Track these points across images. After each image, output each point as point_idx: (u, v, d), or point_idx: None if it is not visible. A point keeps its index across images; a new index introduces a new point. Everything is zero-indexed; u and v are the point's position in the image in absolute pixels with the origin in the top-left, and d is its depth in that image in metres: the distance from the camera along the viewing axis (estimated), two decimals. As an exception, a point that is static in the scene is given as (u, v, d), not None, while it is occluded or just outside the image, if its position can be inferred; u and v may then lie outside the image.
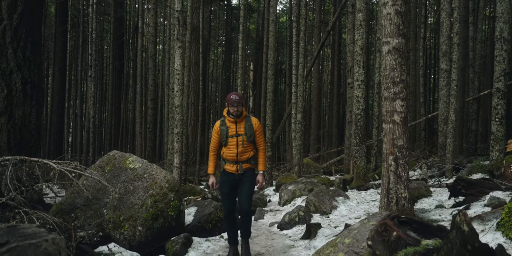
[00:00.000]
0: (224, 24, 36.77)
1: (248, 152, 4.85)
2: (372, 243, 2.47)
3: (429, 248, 2.18)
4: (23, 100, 7.20)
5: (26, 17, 7.43)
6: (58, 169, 4.62)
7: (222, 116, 4.95)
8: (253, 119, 4.93)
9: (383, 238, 2.42)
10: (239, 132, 4.80)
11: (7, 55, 7.13)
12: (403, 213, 2.66)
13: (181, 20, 9.81)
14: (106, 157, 6.22)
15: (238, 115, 4.76)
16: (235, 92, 4.91)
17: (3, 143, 6.86)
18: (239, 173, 4.82)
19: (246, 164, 4.85)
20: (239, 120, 4.81)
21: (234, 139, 4.80)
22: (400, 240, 2.35)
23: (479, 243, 2.03)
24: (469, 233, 2.02)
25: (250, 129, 4.81)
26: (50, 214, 5.30)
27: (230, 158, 4.84)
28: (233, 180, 4.86)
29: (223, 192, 4.93)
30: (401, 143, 5.27)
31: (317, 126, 24.57)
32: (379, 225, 2.51)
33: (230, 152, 4.83)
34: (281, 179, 11.14)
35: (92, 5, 17.19)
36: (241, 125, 4.82)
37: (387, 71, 5.36)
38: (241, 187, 4.83)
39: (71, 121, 30.92)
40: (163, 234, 5.39)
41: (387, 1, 5.39)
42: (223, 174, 4.97)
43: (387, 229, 2.45)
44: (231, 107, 4.72)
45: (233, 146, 4.81)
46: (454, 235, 2.05)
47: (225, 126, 4.84)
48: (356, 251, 2.66)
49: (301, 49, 13.87)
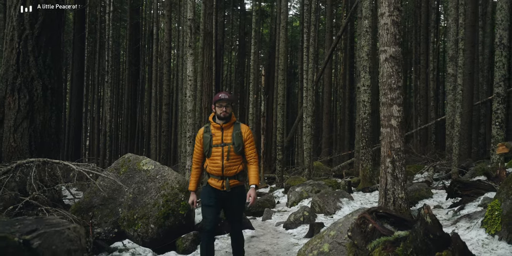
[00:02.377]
0: (237, 28, 37.25)
1: (236, 165, 4.06)
2: (351, 234, 2.79)
3: (398, 238, 2.49)
4: (44, 105, 7.55)
5: (46, 27, 7.77)
6: (77, 170, 5.02)
7: (207, 121, 4.24)
8: (243, 126, 4.19)
9: (361, 229, 2.73)
10: (225, 140, 4.04)
11: (29, 63, 7.50)
12: (381, 208, 2.96)
13: (193, 28, 10.22)
14: (121, 159, 6.61)
15: (226, 117, 4.04)
16: (224, 92, 4.17)
17: (25, 146, 7.26)
18: (225, 190, 4.05)
19: (233, 181, 4.07)
20: (226, 126, 4.08)
21: (218, 149, 4.02)
22: (375, 231, 2.66)
23: (440, 233, 2.33)
24: (431, 224, 2.33)
25: (238, 138, 4.05)
26: (70, 212, 5.71)
27: (214, 172, 4.05)
28: (219, 196, 4.09)
29: (206, 203, 4.10)
30: (398, 146, 5.55)
31: (328, 130, 24.80)
32: (358, 218, 2.83)
33: (214, 165, 4.05)
34: (289, 181, 11.46)
35: (109, 13, 17.77)
36: (228, 132, 4.07)
37: (384, 78, 5.66)
38: (229, 205, 4.15)
39: (89, 125, 31.66)
40: (174, 232, 5.75)
41: (384, 11, 5.70)
42: (206, 187, 4.19)
43: (365, 222, 2.76)
44: (219, 107, 4.02)
45: (218, 158, 4.02)
46: (418, 225, 2.36)
47: (209, 133, 4.09)
48: (339, 242, 2.98)
49: (311, 55, 14.18)
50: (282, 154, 13.83)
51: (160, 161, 17.33)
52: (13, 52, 7.49)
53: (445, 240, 2.32)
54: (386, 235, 2.59)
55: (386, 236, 2.58)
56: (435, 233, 2.31)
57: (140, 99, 31.58)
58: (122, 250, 5.29)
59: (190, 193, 4.31)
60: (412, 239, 2.36)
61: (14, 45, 7.50)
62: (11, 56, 7.49)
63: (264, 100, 16.92)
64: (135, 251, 5.29)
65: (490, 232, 3.89)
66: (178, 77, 24.22)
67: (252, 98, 18.15)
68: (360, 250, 2.67)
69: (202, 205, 4.15)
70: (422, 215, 2.36)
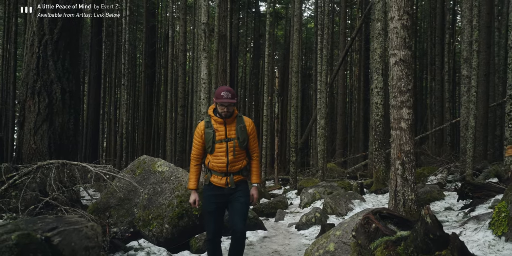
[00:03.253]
0: (252, 31, 37.45)
1: (241, 161, 3.90)
2: (355, 234, 2.89)
3: (399, 237, 2.58)
4: (62, 108, 7.77)
5: (65, 32, 8.00)
6: (94, 171, 5.21)
7: (207, 115, 3.98)
8: (246, 119, 3.98)
9: (365, 229, 2.83)
10: (230, 135, 3.83)
11: (48, 67, 7.73)
12: (385, 209, 3.05)
13: (207, 31, 10.39)
14: (136, 161, 6.79)
15: (228, 116, 3.82)
16: (227, 87, 3.87)
17: (44, 148, 7.49)
18: (230, 187, 3.86)
19: (238, 176, 3.90)
20: (229, 120, 3.85)
21: (223, 145, 3.82)
22: (378, 231, 2.76)
23: (440, 232, 2.42)
24: (431, 224, 2.42)
25: (243, 132, 3.86)
26: (88, 212, 5.90)
27: (218, 169, 3.86)
28: (222, 195, 3.89)
29: (208, 210, 3.96)
30: (407, 148, 5.62)
31: (343, 131, 24.79)
32: (362, 219, 2.93)
33: (218, 162, 3.85)
34: (302, 183, 11.56)
35: (126, 17, 18.08)
36: (232, 126, 3.85)
37: (394, 81, 5.73)
38: (233, 204, 3.88)
39: (106, 127, 32.14)
40: (188, 232, 5.90)
41: (394, 15, 5.77)
42: (208, 188, 3.99)
43: (369, 222, 2.86)
44: (220, 106, 3.75)
45: (222, 154, 3.82)
46: (419, 225, 2.45)
47: (211, 128, 3.85)
48: (345, 241, 3.08)
49: (325, 57, 14.25)
50: (295, 155, 13.92)
51: (176, 163, 17.57)
52: (33, 56, 7.74)
53: (445, 239, 2.41)
54: (389, 235, 2.69)
55: (388, 235, 2.68)
56: (435, 233, 2.40)
57: (156, 101, 31.95)
58: (137, 249, 5.46)
59: (191, 192, 4.09)
60: (412, 238, 2.45)
61: (34, 50, 7.75)
62: (32, 61, 7.74)
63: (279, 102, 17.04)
64: (150, 250, 5.44)
65: (497, 234, 3.95)
66: (193, 79, 24.49)
67: (267, 100, 18.28)
68: (364, 249, 2.77)
69: (203, 210, 3.97)
70: (422, 216, 2.46)
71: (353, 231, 2.94)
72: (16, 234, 2.32)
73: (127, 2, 17.70)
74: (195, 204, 4.04)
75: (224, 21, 20.60)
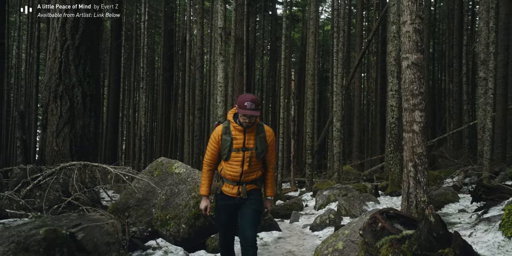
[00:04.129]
0: (269, 33, 37.63)
1: (256, 171, 3.71)
2: (363, 233, 3.00)
3: (404, 236, 2.68)
4: (83, 111, 7.98)
5: (86, 37, 8.22)
6: (114, 172, 5.41)
7: (226, 120, 3.77)
8: (267, 129, 3.75)
9: (372, 228, 2.94)
10: (248, 145, 3.62)
11: (70, 72, 7.95)
12: (392, 209, 3.15)
13: (224, 35, 10.58)
14: (154, 163, 6.99)
15: (249, 126, 3.60)
16: (251, 96, 3.56)
17: (66, 150, 7.73)
18: (242, 197, 3.70)
19: (250, 185, 3.73)
20: (249, 129, 3.63)
21: (239, 154, 3.61)
22: (384, 230, 2.86)
23: (443, 231, 2.52)
24: (435, 224, 2.52)
25: (262, 142, 3.64)
26: (108, 212, 6.11)
27: (230, 177, 3.68)
28: (233, 205, 3.75)
29: (220, 221, 3.91)
30: (420, 150, 5.68)
31: (359, 134, 24.74)
32: (369, 218, 3.03)
33: (232, 170, 3.67)
34: (317, 185, 11.64)
35: (144, 22, 18.42)
36: (251, 135, 3.63)
37: (406, 84, 5.80)
38: (244, 212, 3.71)
39: (125, 129, 32.64)
40: (204, 232, 6.05)
41: (406, 20, 5.85)
42: (219, 197, 3.85)
43: (375, 222, 2.96)
44: (242, 116, 3.52)
45: (237, 163, 3.62)
46: (423, 224, 2.55)
47: (229, 135, 3.64)
48: (353, 240, 3.19)
49: (340, 59, 14.32)
50: (311, 158, 14.00)
51: (193, 165, 17.80)
52: (55, 61, 7.98)
53: (448, 238, 2.50)
54: (394, 234, 2.79)
55: (394, 234, 2.79)
56: (438, 231, 2.50)
57: (174, 104, 32.33)
58: (155, 248, 5.63)
59: (202, 198, 3.88)
60: (416, 237, 2.55)
61: (56, 55, 7.99)
62: (54, 65, 7.98)
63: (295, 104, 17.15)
64: (168, 249, 5.61)
65: (507, 235, 4.00)
66: (211, 82, 24.75)
67: (283, 103, 18.40)
68: (370, 247, 2.88)
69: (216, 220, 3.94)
70: (426, 215, 2.56)
71: (361, 230, 3.05)
72: (44, 229, 2.51)
73: (145, 7, 18.03)
74: (206, 211, 3.87)
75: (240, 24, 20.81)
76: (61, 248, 2.49)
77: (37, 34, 20.80)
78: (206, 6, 28.49)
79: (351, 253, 3.15)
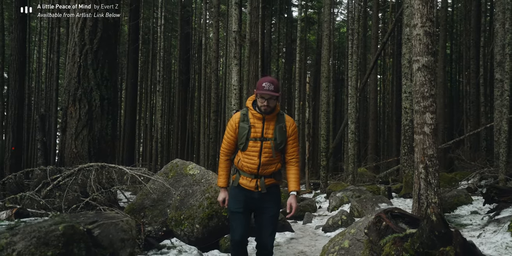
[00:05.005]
0: (284, 36, 37.77)
1: (274, 164, 3.43)
2: (367, 231, 3.08)
3: (407, 234, 2.77)
4: (101, 114, 8.18)
5: (104, 42, 8.42)
6: (130, 173, 5.58)
7: (245, 107, 3.51)
8: (288, 118, 3.48)
9: (376, 227, 3.02)
10: (266, 135, 3.35)
11: (88, 75, 8.16)
12: (397, 208, 3.23)
13: (238, 39, 10.73)
14: (169, 164, 7.15)
15: (267, 112, 3.34)
16: (270, 78, 3.39)
17: (85, 152, 7.94)
18: (260, 191, 3.40)
19: (269, 179, 3.44)
20: (269, 117, 3.37)
21: (257, 144, 3.35)
22: (388, 229, 2.94)
23: (445, 230, 2.60)
24: (436, 222, 2.60)
25: (282, 133, 3.37)
26: (124, 212, 6.28)
27: (248, 169, 3.41)
28: (251, 198, 3.45)
29: (235, 210, 3.48)
30: (431, 152, 5.72)
31: (375, 136, 24.65)
32: (374, 217, 3.12)
33: (249, 162, 3.40)
34: (331, 187, 11.69)
35: (161, 26, 18.72)
36: (271, 124, 3.37)
37: (417, 86, 5.86)
38: (262, 216, 3.45)
39: (142, 132, 33.06)
40: (217, 232, 6.18)
41: (417, 23, 5.91)
42: (235, 187, 3.53)
43: (380, 221, 3.04)
44: (260, 99, 3.29)
45: (254, 154, 3.36)
46: (425, 223, 2.63)
47: (247, 122, 3.37)
48: (358, 239, 3.28)
49: (354, 62, 14.35)
50: (326, 160, 14.05)
51: (208, 166, 17.99)
52: (74, 65, 8.19)
53: (449, 236, 2.58)
54: (398, 232, 2.88)
55: (397, 233, 2.87)
56: (440, 230, 2.57)
57: (190, 106, 32.65)
58: (170, 247, 5.77)
59: (221, 189, 3.63)
60: (418, 235, 2.63)
61: (75, 59, 8.21)
62: (73, 69, 8.20)
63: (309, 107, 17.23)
64: (182, 248, 5.75)
65: (515, 236, 4.04)
66: (226, 85, 24.96)
67: (298, 105, 18.49)
68: (375, 245, 2.96)
69: (229, 211, 3.53)
70: (428, 214, 2.64)
71: (366, 229, 3.14)
72: (63, 225, 2.67)
73: (162, 11, 18.32)
74: (224, 204, 3.59)
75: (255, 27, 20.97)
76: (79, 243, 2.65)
77: (57, 38, 21.25)
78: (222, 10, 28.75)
79: (356, 251, 3.24)
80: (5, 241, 2.53)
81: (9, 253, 2.49)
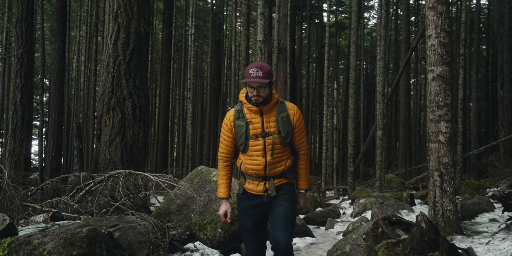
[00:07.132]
0: (315, 41, 37.89)
1: (284, 161, 2.98)
2: (366, 237, 3.28)
3: (399, 240, 2.95)
4: (133, 122, 8.62)
5: (136, 53, 8.88)
6: (155, 180, 5.94)
7: (238, 101, 3.06)
8: (290, 106, 3.00)
9: (373, 233, 3.21)
10: (268, 129, 2.91)
11: (121, 85, 8.63)
12: (394, 215, 3.41)
13: (263, 49, 11.04)
14: (194, 171, 7.48)
15: (259, 103, 2.89)
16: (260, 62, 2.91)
17: (118, 159, 8.39)
18: (270, 194, 2.97)
19: (279, 180, 3.00)
20: (267, 108, 2.92)
21: (259, 142, 2.92)
22: (384, 235, 3.13)
23: (434, 236, 2.78)
24: (426, 229, 2.78)
25: (286, 124, 2.92)
26: (151, 216, 6.65)
27: (253, 172, 2.98)
28: (260, 205, 3.02)
29: (245, 227, 3.11)
30: (446, 160, 5.83)
31: (405, 141, 24.39)
32: (372, 224, 3.31)
33: (253, 164, 2.97)
34: (356, 193, 11.78)
35: (191, 35, 19.27)
36: (271, 116, 2.93)
37: (432, 96, 5.98)
38: (274, 212, 2.97)
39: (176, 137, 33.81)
40: (239, 236, 6.41)
41: (431, 33, 6.04)
42: (242, 198, 3.12)
43: (377, 227, 3.24)
44: (249, 88, 2.86)
45: (258, 153, 2.94)
46: (415, 230, 2.82)
47: (243, 119, 2.94)
48: (358, 244, 3.48)
49: (381, 68, 14.39)
50: (353, 166, 14.12)
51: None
52: (108, 76, 8.69)
53: (438, 242, 2.76)
54: (393, 238, 3.07)
55: (392, 238, 3.06)
56: (429, 236, 2.76)
57: (222, 113, 33.16)
58: (193, 250, 6.08)
59: (221, 201, 3.22)
60: (409, 240, 2.82)
61: (109, 70, 8.71)
62: (107, 80, 8.70)
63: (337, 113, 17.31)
64: (205, 252, 6.05)
65: (522, 244, 4.13)
66: (256, 92, 25.21)
67: (327, 111, 18.60)
68: (371, 250, 3.16)
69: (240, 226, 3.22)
70: (419, 221, 2.83)
71: (364, 235, 3.34)
72: (87, 228, 3.03)
73: (192, 21, 18.89)
74: (226, 218, 3.19)
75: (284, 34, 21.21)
76: (101, 244, 2.99)
77: (95, 48, 22.21)
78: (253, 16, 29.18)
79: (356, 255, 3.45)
80: (37, 241, 2.92)
81: (40, 252, 2.88)
